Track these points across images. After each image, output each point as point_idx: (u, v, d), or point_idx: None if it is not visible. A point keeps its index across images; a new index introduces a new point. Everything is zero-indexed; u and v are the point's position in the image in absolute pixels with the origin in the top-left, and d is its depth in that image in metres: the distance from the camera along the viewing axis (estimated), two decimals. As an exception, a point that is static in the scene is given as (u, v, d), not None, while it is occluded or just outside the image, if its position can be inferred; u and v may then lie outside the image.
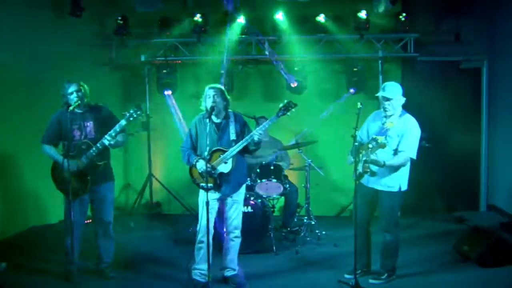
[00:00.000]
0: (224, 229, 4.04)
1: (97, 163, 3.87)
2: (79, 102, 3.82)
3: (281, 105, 3.67)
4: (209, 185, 3.71)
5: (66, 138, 3.78)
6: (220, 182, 3.79)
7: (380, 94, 3.85)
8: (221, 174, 3.78)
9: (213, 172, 3.73)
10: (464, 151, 6.29)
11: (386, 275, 3.98)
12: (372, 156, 3.61)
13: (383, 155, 3.73)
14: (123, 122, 3.75)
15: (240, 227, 3.98)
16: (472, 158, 6.38)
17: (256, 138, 3.67)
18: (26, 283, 4.05)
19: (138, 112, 3.76)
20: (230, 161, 3.76)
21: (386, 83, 3.93)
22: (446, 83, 6.35)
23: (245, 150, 3.83)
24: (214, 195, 3.79)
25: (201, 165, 3.75)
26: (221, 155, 3.75)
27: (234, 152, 3.74)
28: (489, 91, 6.31)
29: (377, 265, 4.08)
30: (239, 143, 3.72)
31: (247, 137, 3.72)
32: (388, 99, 3.79)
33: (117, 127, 3.74)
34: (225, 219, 3.98)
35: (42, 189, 5.23)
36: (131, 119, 3.76)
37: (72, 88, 3.83)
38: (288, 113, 3.69)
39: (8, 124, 5.22)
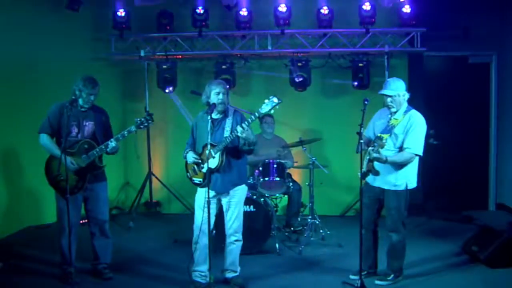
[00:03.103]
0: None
1: (99, 165, 3.82)
2: (92, 104, 3.79)
3: (265, 101, 3.54)
4: (199, 180, 3.71)
5: (63, 133, 3.68)
6: (209, 178, 3.67)
7: (381, 92, 3.79)
8: (210, 169, 3.67)
9: (202, 165, 3.68)
10: (473, 148, 6.24)
11: (392, 276, 3.91)
12: (374, 154, 3.54)
13: (388, 152, 3.65)
14: (132, 128, 3.73)
15: (240, 230, 3.89)
16: (480, 156, 6.31)
17: (239, 133, 3.51)
18: (22, 284, 3.97)
19: (150, 121, 3.74)
20: (217, 156, 3.67)
21: (388, 80, 3.88)
22: (454, 79, 6.27)
23: (242, 150, 3.72)
24: (210, 194, 3.67)
25: (189, 156, 3.77)
26: (211, 150, 3.67)
27: (221, 146, 3.64)
28: (498, 86, 6.22)
29: (384, 265, 4.00)
30: (225, 137, 3.65)
31: (232, 134, 3.62)
32: (389, 96, 3.73)
33: (125, 132, 3.71)
34: (224, 222, 3.89)
35: (38, 188, 5.16)
36: (142, 126, 3.74)
37: (95, 91, 3.77)
38: (272, 110, 3.55)
39: (5, 122, 5.13)
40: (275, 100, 3.50)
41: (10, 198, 5.30)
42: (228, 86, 4.88)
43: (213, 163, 3.68)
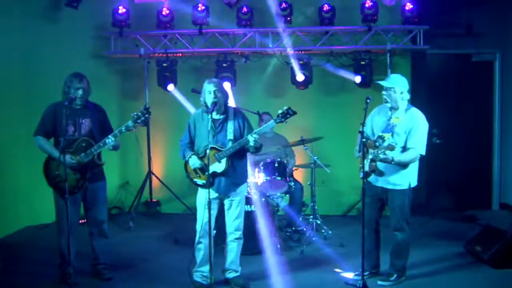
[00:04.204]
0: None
1: (98, 162, 3.78)
2: (84, 99, 3.73)
3: (279, 111, 3.53)
4: (202, 182, 3.65)
5: (60, 133, 3.65)
6: (212, 181, 3.68)
7: (379, 82, 3.76)
8: (214, 173, 3.66)
9: (205, 169, 3.62)
10: (476, 147, 6.19)
11: (395, 276, 3.87)
12: (381, 156, 3.50)
13: (392, 152, 3.60)
14: (130, 123, 3.65)
15: (241, 229, 3.86)
16: (484, 155, 6.27)
17: (252, 143, 3.54)
18: (21, 285, 3.93)
19: (147, 115, 3.67)
20: (224, 161, 3.64)
21: (390, 75, 3.87)
22: (457, 77, 6.22)
23: (245, 150, 3.70)
24: (211, 195, 3.66)
25: (193, 161, 3.69)
26: (215, 154, 3.63)
27: (228, 153, 3.62)
28: (502, 85, 6.17)
29: (386, 266, 3.95)
30: (234, 144, 3.61)
31: (240, 141, 3.61)
32: (386, 89, 3.69)
33: (123, 128, 3.65)
34: (225, 220, 3.86)
35: (36, 188, 5.09)
36: (139, 121, 3.66)
37: (82, 84, 3.71)
38: (286, 121, 3.54)
39: (1, 120, 5.08)
40: (290, 112, 3.48)
41: (7, 198, 5.25)
42: (227, 84, 4.83)
43: (220, 168, 3.65)
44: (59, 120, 3.69)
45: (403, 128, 3.67)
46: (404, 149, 3.67)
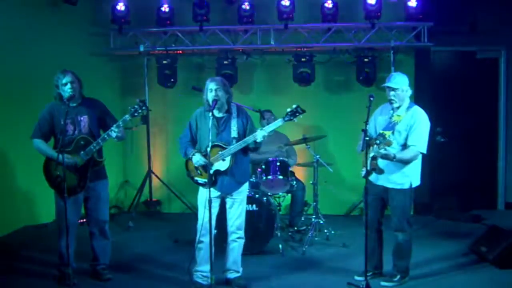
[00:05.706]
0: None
1: (98, 159, 3.74)
2: (74, 94, 3.66)
3: (288, 109, 3.54)
4: (204, 180, 3.62)
5: (59, 132, 3.61)
6: (215, 179, 3.65)
7: (385, 84, 3.74)
8: (218, 171, 3.64)
9: (210, 167, 3.60)
10: (481, 146, 6.14)
11: (398, 276, 3.83)
12: (382, 151, 3.46)
13: (393, 149, 3.58)
14: (127, 117, 3.63)
15: (243, 228, 3.83)
16: (489, 154, 6.20)
17: (259, 139, 3.55)
18: (19, 285, 3.89)
19: (143, 108, 3.67)
20: (228, 159, 3.62)
21: (392, 74, 3.86)
22: (462, 74, 6.16)
23: (246, 148, 3.68)
24: (213, 193, 3.63)
25: (197, 159, 3.67)
26: (219, 152, 3.61)
27: (233, 151, 3.60)
28: (507, 82, 6.11)
29: (389, 266, 3.92)
30: (239, 142, 3.60)
31: (247, 138, 3.59)
32: (393, 89, 3.67)
33: (120, 122, 3.62)
34: (227, 219, 3.82)
35: (34, 187, 5.08)
36: (136, 114, 3.66)
37: (66, 79, 3.65)
38: (295, 119, 3.56)
39: (0, 119, 5.02)
40: (299, 110, 3.50)
41: (6, 198, 5.20)
42: (229, 83, 4.77)
43: (223, 166, 3.63)
44: (57, 120, 3.66)
45: (404, 125, 3.65)
46: (405, 146, 3.64)
